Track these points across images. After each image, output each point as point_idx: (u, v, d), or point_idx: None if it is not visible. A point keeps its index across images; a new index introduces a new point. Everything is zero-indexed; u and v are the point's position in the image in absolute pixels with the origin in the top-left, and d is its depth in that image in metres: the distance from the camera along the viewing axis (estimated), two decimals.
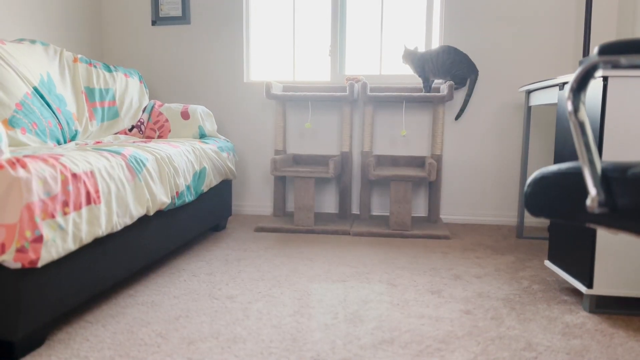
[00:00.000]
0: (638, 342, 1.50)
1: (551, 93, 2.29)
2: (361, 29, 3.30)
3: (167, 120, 2.83)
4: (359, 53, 3.32)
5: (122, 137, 2.65)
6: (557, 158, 1.98)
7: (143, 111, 2.91)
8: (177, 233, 2.23)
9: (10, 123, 1.99)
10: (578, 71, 0.75)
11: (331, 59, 3.29)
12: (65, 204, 1.40)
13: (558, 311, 1.73)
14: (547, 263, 2.02)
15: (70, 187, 1.43)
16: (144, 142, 2.25)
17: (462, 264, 2.27)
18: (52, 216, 1.35)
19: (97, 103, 2.62)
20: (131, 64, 3.46)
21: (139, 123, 2.85)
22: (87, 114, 2.52)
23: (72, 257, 1.50)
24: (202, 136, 2.82)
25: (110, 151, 1.77)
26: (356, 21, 3.29)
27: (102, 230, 1.57)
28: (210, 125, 2.88)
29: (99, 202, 1.56)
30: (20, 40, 2.34)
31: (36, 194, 1.30)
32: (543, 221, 3.17)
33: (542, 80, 2.33)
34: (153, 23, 3.39)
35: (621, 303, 1.79)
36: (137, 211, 1.79)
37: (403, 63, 3.04)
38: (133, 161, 1.82)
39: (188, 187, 2.23)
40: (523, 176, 2.82)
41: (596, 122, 1.66)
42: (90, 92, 2.60)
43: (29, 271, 1.32)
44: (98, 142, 2.42)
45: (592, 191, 0.73)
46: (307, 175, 2.79)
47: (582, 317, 1.69)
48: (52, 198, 1.35)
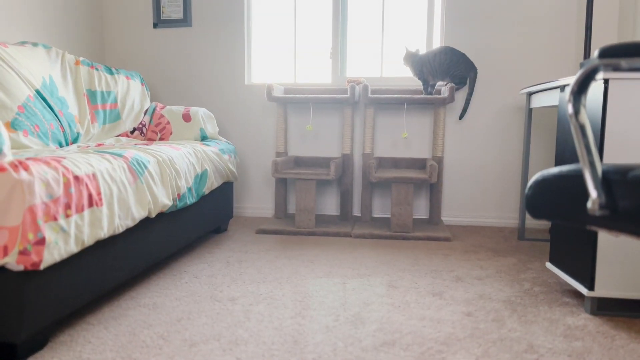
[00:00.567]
0: None
1: (552, 95, 2.29)
2: (362, 31, 3.30)
3: (169, 122, 2.83)
4: (360, 55, 3.32)
5: (124, 140, 2.65)
6: (558, 160, 1.98)
7: (145, 113, 2.91)
8: (179, 235, 2.23)
9: (12, 126, 1.99)
10: (579, 74, 0.75)
11: (332, 61, 3.30)
12: (67, 207, 1.41)
13: (559, 313, 1.73)
14: (549, 265, 2.02)
15: (72, 190, 1.43)
16: (146, 145, 2.25)
17: (464, 266, 2.27)
18: (55, 218, 1.35)
19: (99, 105, 2.63)
20: (133, 67, 3.47)
21: (141, 125, 2.86)
22: (89, 117, 2.53)
23: (74, 260, 1.51)
24: (204, 138, 2.83)
25: (112, 153, 1.77)
26: (357, 23, 3.30)
27: (104, 232, 1.58)
28: (211, 127, 2.88)
29: (101, 205, 1.56)
30: (22, 43, 2.35)
31: (38, 197, 1.30)
32: (544, 223, 3.17)
33: (543, 82, 2.33)
34: (154, 26, 3.40)
35: (623, 305, 1.78)
36: (139, 213, 1.79)
37: (404, 65, 3.04)
38: (135, 163, 1.82)
39: (189, 190, 2.23)
40: (524, 178, 2.82)
41: (597, 125, 1.66)
42: (92, 95, 2.61)
43: (32, 273, 1.33)
44: (100, 145, 2.42)
45: (593, 193, 0.73)
46: (308, 177, 2.79)
47: (584, 319, 1.68)
48: (55, 200, 1.36)
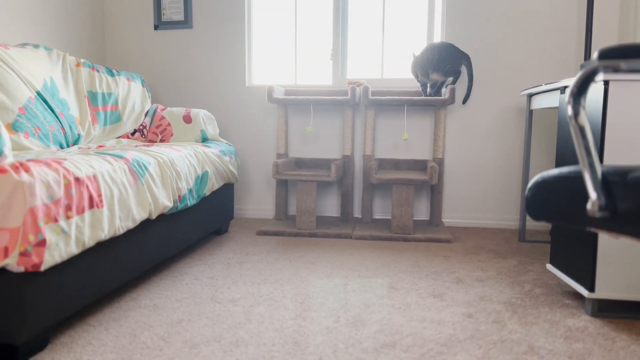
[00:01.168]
0: None
1: (552, 97, 2.29)
2: (363, 33, 3.31)
3: (170, 124, 2.83)
4: (361, 57, 3.32)
5: (125, 141, 2.65)
6: (559, 162, 1.98)
7: (145, 115, 2.92)
8: (180, 237, 2.23)
9: (13, 127, 2.00)
10: (578, 75, 0.75)
11: (333, 63, 3.30)
12: (68, 208, 1.41)
13: (560, 315, 1.73)
14: (549, 267, 2.02)
15: (73, 191, 1.44)
16: (147, 146, 2.25)
17: (464, 268, 2.27)
18: (55, 220, 1.35)
19: (100, 107, 2.63)
20: (134, 68, 3.48)
21: (142, 127, 2.86)
22: (90, 118, 2.53)
23: (75, 261, 1.51)
24: (204, 140, 2.83)
25: (112, 155, 1.77)
26: (358, 25, 3.30)
27: (105, 234, 1.58)
28: (212, 129, 2.89)
29: (102, 206, 1.57)
30: (23, 44, 2.35)
31: (39, 198, 1.30)
32: (545, 225, 3.17)
33: (544, 84, 2.33)
34: (155, 27, 3.40)
35: (623, 307, 1.79)
36: (140, 215, 1.79)
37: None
38: (135, 165, 1.82)
39: (190, 191, 2.23)
40: (525, 180, 2.82)
41: (597, 126, 1.66)
42: (93, 97, 2.61)
43: (32, 275, 1.33)
44: (101, 146, 2.43)
45: (593, 195, 0.73)
46: (309, 178, 2.79)
47: (584, 321, 1.68)
48: (55, 202, 1.36)
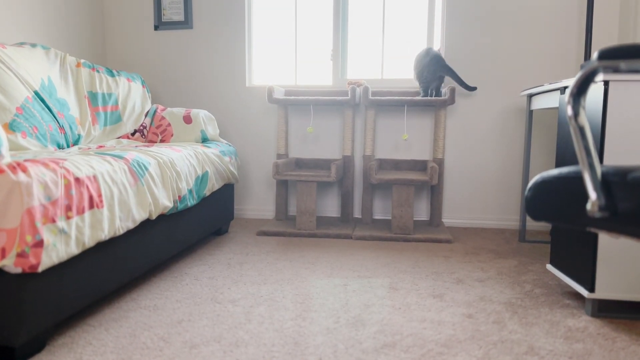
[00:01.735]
0: None
1: (553, 97, 2.29)
2: (363, 33, 3.31)
3: (170, 124, 2.83)
4: (361, 57, 3.32)
5: (125, 142, 2.65)
6: (559, 162, 1.98)
7: (145, 115, 2.91)
8: (179, 237, 2.23)
9: (10, 127, 1.99)
10: (578, 76, 0.75)
11: (333, 63, 3.30)
12: (68, 208, 1.41)
13: (560, 315, 1.73)
14: (549, 267, 2.02)
15: (73, 192, 1.43)
16: (147, 147, 2.25)
17: (464, 268, 2.27)
18: (53, 221, 1.35)
19: (100, 107, 2.63)
20: (134, 69, 3.48)
21: (142, 127, 2.86)
22: (90, 119, 2.53)
23: (75, 261, 1.50)
24: (205, 140, 2.83)
25: (113, 155, 1.77)
26: (358, 25, 3.30)
27: (105, 234, 1.58)
28: (212, 129, 2.88)
29: (102, 206, 1.56)
30: (20, 43, 2.35)
31: (37, 199, 1.30)
32: (545, 225, 3.17)
33: (544, 84, 2.33)
34: (156, 28, 3.40)
35: (623, 307, 1.79)
36: (140, 215, 1.79)
37: None
38: (136, 165, 1.82)
39: (190, 191, 2.23)
40: (525, 180, 2.82)
41: (597, 127, 1.66)
42: (93, 97, 2.61)
43: (31, 276, 1.32)
44: (101, 146, 2.43)
45: (593, 195, 0.73)
46: (309, 179, 2.79)
47: (585, 321, 1.68)
48: (53, 202, 1.36)
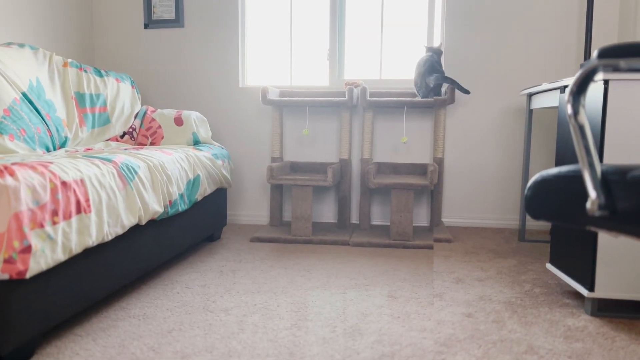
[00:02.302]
0: None
1: (552, 96, 2.35)
2: (361, 32, 3.33)
3: (160, 126, 2.85)
4: (359, 57, 3.35)
5: (114, 144, 2.66)
6: (559, 161, 2.03)
7: (135, 117, 2.93)
8: (170, 243, 2.24)
9: None
10: (578, 75, 0.77)
11: (329, 63, 3.32)
12: (54, 213, 1.42)
13: (560, 314, 1.78)
14: (549, 266, 2.08)
15: (59, 196, 1.44)
16: (136, 149, 2.27)
17: (464, 268, 2.32)
18: (41, 226, 1.36)
19: (88, 109, 2.64)
20: (123, 69, 3.49)
21: (131, 129, 2.87)
22: (78, 120, 2.54)
23: (62, 268, 1.51)
24: (196, 143, 2.84)
25: (101, 158, 1.79)
26: (355, 24, 3.33)
27: (93, 240, 1.59)
28: (204, 131, 2.90)
29: (90, 211, 1.57)
30: (8, 44, 2.36)
31: (25, 203, 1.31)
32: (545, 224, 3.23)
33: (544, 83, 2.37)
34: (145, 26, 3.42)
35: (623, 306, 1.83)
36: (129, 220, 1.80)
37: None
38: (125, 169, 1.83)
39: (181, 196, 2.24)
40: (525, 179, 2.90)
41: (597, 126, 1.71)
42: (80, 98, 2.62)
43: (17, 283, 1.33)
44: (88, 149, 2.44)
45: (592, 194, 0.75)
46: (305, 183, 2.81)
47: (584, 321, 1.72)
48: (41, 207, 1.37)
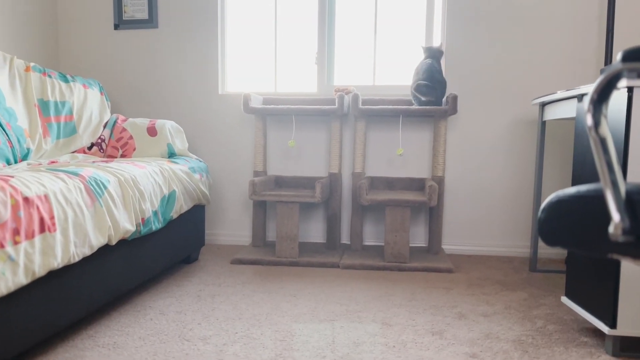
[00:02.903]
0: None
1: (569, 106, 2.30)
2: (352, 33, 3.35)
3: (132, 137, 2.86)
4: (350, 60, 3.37)
5: (81, 156, 2.67)
6: (576, 179, 1.99)
7: (104, 127, 2.94)
8: (143, 265, 2.24)
9: None
10: (599, 81, 0.75)
11: (318, 68, 3.35)
12: (15, 232, 1.43)
13: (577, 355, 1.75)
14: (565, 300, 2.03)
15: (21, 213, 1.45)
16: (105, 162, 2.28)
17: (467, 301, 2.30)
18: (1, 246, 1.37)
19: (52, 117, 2.65)
20: (91, 74, 3.50)
21: (100, 140, 2.88)
22: (41, 130, 2.55)
23: (24, 293, 1.52)
24: (172, 155, 2.86)
25: (67, 172, 1.80)
26: (346, 24, 3.35)
27: (58, 261, 1.59)
28: (180, 142, 2.92)
29: (54, 230, 1.58)
30: None
31: None
32: (560, 252, 3.19)
33: (559, 91, 2.35)
34: (115, 27, 3.44)
35: None
36: (98, 240, 1.81)
37: None
38: (93, 183, 1.84)
39: (155, 213, 2.25)
40: (537, 200, 2.84)
41: (620, 139, 1.67)
42: (44, 106, 2.63)
43: None
44: (53, 162, 2.44)
45: (616, 217, 0.73)
46: (291, 199, 2.82)
47: None
48: (1, 226, 1.38)
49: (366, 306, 2.20)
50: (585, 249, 0.83)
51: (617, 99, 1.71)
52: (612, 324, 1.70)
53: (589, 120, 0.75)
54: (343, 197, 3.31)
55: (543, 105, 2.74)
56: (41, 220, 1.53)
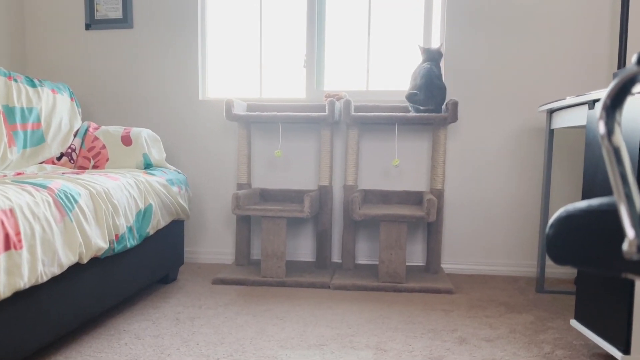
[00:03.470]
0: None
1: (579, 113, 2.30)
2: (344, 34, 3.36)
3: (105, 146, 2.87)
4: (341, 64, 3.38)
5: (49, 167, 2.68)
6: (587, 192, 2.00)
7: (75, 135, 2.95)
8: (117, 286, 2.25)
9: None
10: (612, 85, 0.74)
11: (307, 71, 3.36)
12: None
13: None
14: (574, 323, 2.04)
15: None
16: (76, 174, 2.28)
17: (469, 325, 2.31)
18: None
19: (19, 125, 2.66)
20: (60, 78, 3.50)
21: (70, 150, 2.89)
22: (6, 139, 2.56)
23: None
24: (148, 166, 2.87)
25: (34, 184, 1.81)
26: (338, 24, 3.36)
27: (25, 281, 1.60)
28: (157, 152, 2.93)
29: (21, 247, 1.59)
30: None
31: None
32: (569, 271, 3.19)
33: (568, 97, 2.32)
34: (87, 27, 3.44)
35: None
36: (68, 258, 1.82)
37: None
38: (62, 197, 1.85)
39: (130, 229, 2.26)
40: (544, 215, 2.84)
41: (635, 148, 1.67)
42: (9, 112, 2.64)
43: None
44: (19, 174, 2.45)
45: (630, 233, 0.72)
46: (277, 214, 2.83)
47: None
48: None
49: (359, 330, 2.21)
50: (596, 268, 0.83)
51: (632, 105, 1.69)
52: (626, 350, 1.70)
53: (602, 128, 0.75)
54: (334, 212, 3.33)
55: (551, 112, 2.74)
56: (6, 236, 1.54)
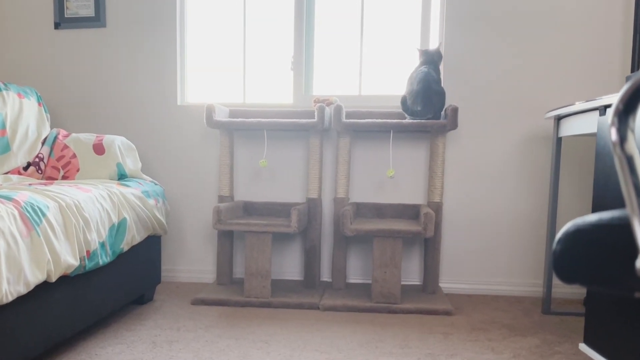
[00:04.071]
0: None
1: (589, 119, 2.31)
2: (335, 35, 3.37)
3: (75, 155, 2.88)
4: (332, 67, 3.40)
5: (15, 178, 2.68)
6: (597, 205, 2.01)
7: (43, 143, 2.96)
8: (89, 306, 2.25)
9: None
10: (625, 89, 0.74)
11: (294, 75, 3.38)
12: None
13: None
14: (583, 347, 2.06)
15: None
16: (44, 185, 2.29)
17: (469, 349, 2.32)
18: None
19: None
20: (27, 81, 3.51)
21: (38, 159, 2.90)
22: None
23: None
24: (122, 177, 2.88)
25: None
26: (328, 25, 3.37)
27: None
28: (132, 162, 2.94)
29: None
30: None
31: None
32: (578, 291, 3.19)
33: (576, 102, 2.30)
34: (56, 26, 3.46)
35: None
36: (35, 276, 1.82)
37: None
38: (29, 210, 1.86)
39: (103, 245, 2.28)
40: (551, 230, 2.85)
41: None
42: None
43: None
44: None
45: None
46: (262, 229, 2.84)
47: None
48: None
49: (350, 354, 2.22)
50: (607, 287, 0.83)
51: None
52: None
53: (614, 135, 0.75)
54: (324, 227, 3.34)
55: (559, 118, 2.76)
56: None
